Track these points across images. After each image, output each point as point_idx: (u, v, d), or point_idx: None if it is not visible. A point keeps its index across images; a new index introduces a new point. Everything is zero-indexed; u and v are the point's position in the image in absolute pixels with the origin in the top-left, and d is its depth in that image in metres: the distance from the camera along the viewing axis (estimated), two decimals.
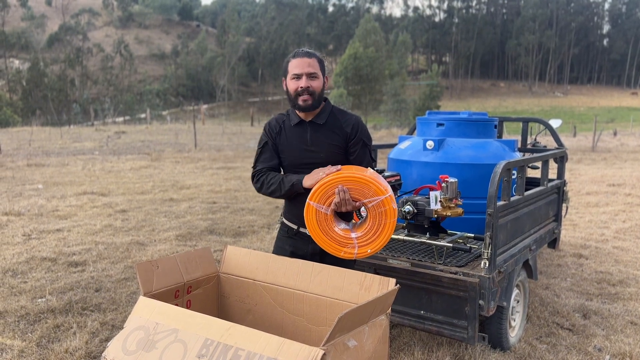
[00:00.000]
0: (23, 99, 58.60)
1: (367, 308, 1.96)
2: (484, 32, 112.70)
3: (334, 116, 2.54)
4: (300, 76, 2.41)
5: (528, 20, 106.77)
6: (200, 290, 2.76)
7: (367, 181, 2.26)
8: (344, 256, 2.37)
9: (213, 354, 1.96)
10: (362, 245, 2.35)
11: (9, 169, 11.73)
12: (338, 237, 2.36)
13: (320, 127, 2.51)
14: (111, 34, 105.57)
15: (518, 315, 3.61)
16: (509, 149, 3.88)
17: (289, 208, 2.62)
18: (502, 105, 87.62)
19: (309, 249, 2.59)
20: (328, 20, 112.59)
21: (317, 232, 2.37)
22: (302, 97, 2.42)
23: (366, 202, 2.30)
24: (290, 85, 2.45)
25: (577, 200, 8.81)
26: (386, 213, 2.29)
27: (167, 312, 2.18)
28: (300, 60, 2.42)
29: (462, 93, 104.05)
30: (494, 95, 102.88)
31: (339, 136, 2.50)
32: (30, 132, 26.26)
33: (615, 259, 5.38)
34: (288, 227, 2.64)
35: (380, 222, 2.31)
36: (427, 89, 53.88)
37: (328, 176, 2.30)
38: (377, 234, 2.33)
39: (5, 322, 3.65)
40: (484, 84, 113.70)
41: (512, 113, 72.78)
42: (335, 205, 2.29)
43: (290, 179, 2.45)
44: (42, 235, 5.87)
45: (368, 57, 54.66)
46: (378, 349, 2.14)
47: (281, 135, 2.55)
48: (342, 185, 2.27)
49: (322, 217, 2.34)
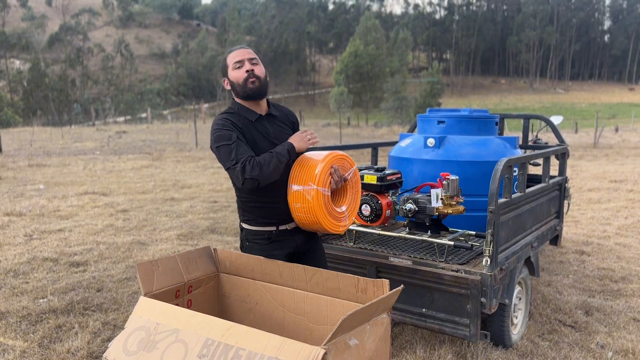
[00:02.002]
0: (24, 99, 58.61)
1: (370, 309, 1.96)
2: (485, 28, 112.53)
3: (276, 108, 2.65)
4: (242, 62, 2.44)
5: (529, 16, 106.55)
6: (201, 290, 2.74)
7: (344, 157, 2.55)
8: (341, 230, 2.56)
9: (214, 354, 1.95)
10: (350, 215, 2.61)
11: (10, 169, 11.74)
12: (337, 214, 2.53)
13: (275, 118, 2.58)
14: (111, 34, 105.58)
15: (520, 312, 3.60)
16: (510, 145, 3.87)
17: (263, 212, 2.53)
18: (503, 102, 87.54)
19: (295, 241, 2.60)
20: (328, 18, 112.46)
21: (325, 215, 2.45)
22: (250, 79, 2.42)
23: (347, 175, 2.56)
24: (234, 75, 2.45)
25: (579, 196, 8.80)
26: (358, 181, 2.65)
27: (168, 312, 2.18)
28: (238, 51, 2.49)
29: (463, 90, 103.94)
30: (495, 92, 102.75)
31: (288, 126, 2.64)
32: (32, 133, 26.28)
33: (617, 256, 5.37)
34: (267, 233, 2.55)
35: (356, 190, 2.64)
36: (428, 86, 53.86)
37: (320, 164, 2.41)
38: (355, 201, 2.64)
39: (7, 323, 3.65)
40: (485, 81, 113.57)
41: (513, 110, 72.68)
42: (335, 184, 2.47)
43: (282, 148, 2.38)
44: (44, 235, 5.87)
45: (369, 54, 54.63)
46: (379, 346, 2.13)
47: (245, 132, 2.45)
48: (334, 164, 2.46)
49: (327, 199, 2.45)
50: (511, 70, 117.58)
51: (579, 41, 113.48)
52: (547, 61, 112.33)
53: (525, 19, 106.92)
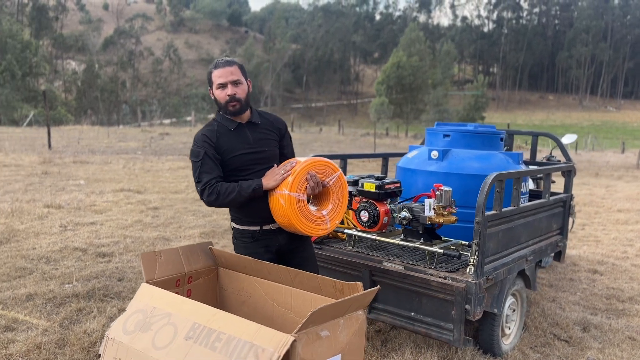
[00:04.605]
0: (77, 99, 61.15)
1: (342, 305, 2.15)
2: (534, 43, 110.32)
3: (262, 116, 2.81)
4: (225, 85, 2.62)
5: (581, 32, 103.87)
6: (201, 281, 2.97)
7: (325, 163, 2.70)
8: (321, 233, 2.73)
9: (199, 337, 2.16)
10: (332, 219, 2.74)
11: (57, 165, 12.40)
12: (314, 217, 2.68)
13: (257, 126, 2.75)
14: (162, 38, 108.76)
15: (514, 323, 3.69)
16: (513, 161, 3.97)
17: (246, 212, 2.74)
18: (550, 118, 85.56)
19: (279, 240, 2.79)
20: (374, 29, 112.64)
21: (299, 219, 2.62)
22: (231, 103, 2.64)
23: (328, 181, 2.69)
24: (217, 93, 2.66)
25: (606, 216, 8.68)
26: (342, 186, 2.77)
27: (164, 298, 2.41)
28: (223, 70, 2.63)
29: (509, 105, 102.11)
30: (542, 107, 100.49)
31: (274, 132, 2.79)
32: (80, 131, 27.46)
33: (630, 276, 5.34)
34: (251, 232, 2.77)
35: (340, 194, 2.77)
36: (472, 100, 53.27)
37: (297, 168, 2.57)
38: (340, 205, 2.77)
39: (34, 304, 3.99)
40: (532, 96, 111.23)
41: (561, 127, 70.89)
42: (310, 189, 2.60)
43: (249, 184, 2.59)
44: (77, 227, 6.27)
45: (411, 66, 54.49)
46: (353, 340, 2.30)
47: (221, 142, 2.66)
48: (310, 171, 2.59)
49: (301, 204, 2.61)
50: (560, 87, 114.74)
51: (634, 58, 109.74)
52: (599, 78, 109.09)
53: (577, 34, 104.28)
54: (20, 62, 47.12)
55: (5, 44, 46.78)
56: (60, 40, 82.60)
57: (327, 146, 23.74)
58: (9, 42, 46.77)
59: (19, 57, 47.06)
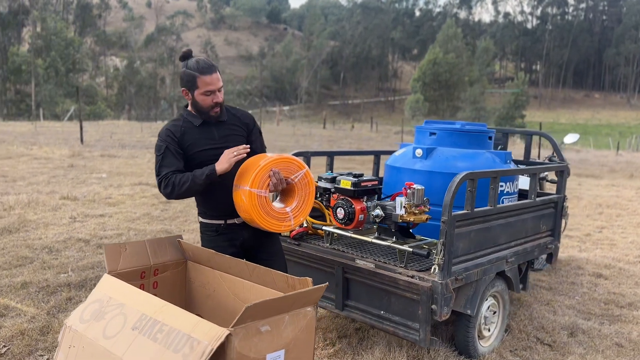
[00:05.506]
0: (118, 94, 62.83)
1: (285, 300, 2.17)
2: (580, 39, 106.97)
3: (229, 112, 2.81)
4: (213, 92, 2.64)
5: (630, 28, 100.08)
6: (168, 274, 3.02)
7: (290, 160, 2.70)
8: (284, 230, 2.72)
9: (144, 327, 2.21)
10: (296, 216, 2.75)
11: (85, 158, 12.79)
12: (277, 214, 2.69)
13: (223, 123, 2.76)
14: (202, 35, 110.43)
15: (493, 325, 3.62)
16: (500, 160, 3.89)
17: (210, 206, 2.79)
18: (595, 117, 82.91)
19: (243, 235, 2.82)
20: (414, 25, 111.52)
21: (260, 215, 2.63)
22: (215, 109, 2.68)
23: (293, 178, 2.69)
24: (201, 98, 2.65)
25: (628, 219, 8.38)
26: (309, 183, 2.76)
27: (120, 289, 2.48)
28: (211, 77, 2.63)
29: (552, 103, 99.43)
30: (587, 106, 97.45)
31: (241, 128, 2.80)
32: (116, 125, 28.21)
33: (636, 282, 5.15)
34: (215, 225, 2.81)
35: (306, 192, 2.77)
36: (511, 98, 52.12)
37: (261, 163, 2.57)
38: (305, 202, 2.78)
39: (27, 292, 4.14)
40: (576, 95, 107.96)
41: (607, 126, 68.61)
42: (273, 186, 2.60)
43: (202, 171, 2.59)
44: (86, 219, 6.46)
45: (448, 63, 53.66)
46: (300, 336, 2.31)
47: (186, 138, 2.69)
48: (273, 168, 2.58)
49: (263, 200, 2.62)
50: (607, 85, 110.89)
51: None
52: None
53: (626, 31, 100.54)
54: (64, 58, 48.76)
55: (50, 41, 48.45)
56: (103, 38, 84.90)
57: (356, 143, 23.67)
58: (54, 39, 48.43)
59: (62, 54, 48.72)
